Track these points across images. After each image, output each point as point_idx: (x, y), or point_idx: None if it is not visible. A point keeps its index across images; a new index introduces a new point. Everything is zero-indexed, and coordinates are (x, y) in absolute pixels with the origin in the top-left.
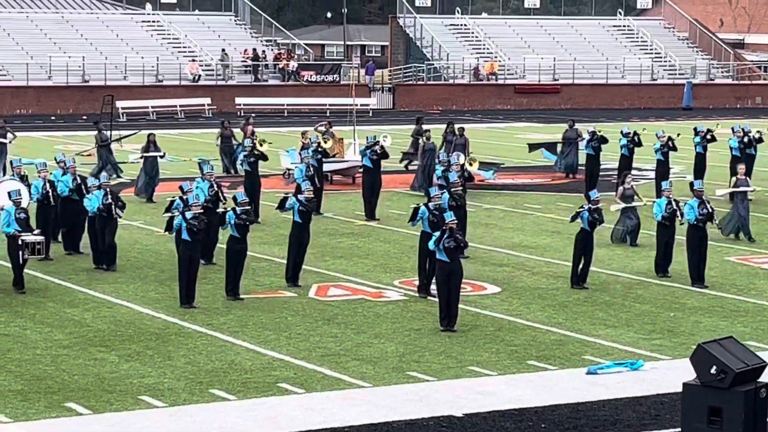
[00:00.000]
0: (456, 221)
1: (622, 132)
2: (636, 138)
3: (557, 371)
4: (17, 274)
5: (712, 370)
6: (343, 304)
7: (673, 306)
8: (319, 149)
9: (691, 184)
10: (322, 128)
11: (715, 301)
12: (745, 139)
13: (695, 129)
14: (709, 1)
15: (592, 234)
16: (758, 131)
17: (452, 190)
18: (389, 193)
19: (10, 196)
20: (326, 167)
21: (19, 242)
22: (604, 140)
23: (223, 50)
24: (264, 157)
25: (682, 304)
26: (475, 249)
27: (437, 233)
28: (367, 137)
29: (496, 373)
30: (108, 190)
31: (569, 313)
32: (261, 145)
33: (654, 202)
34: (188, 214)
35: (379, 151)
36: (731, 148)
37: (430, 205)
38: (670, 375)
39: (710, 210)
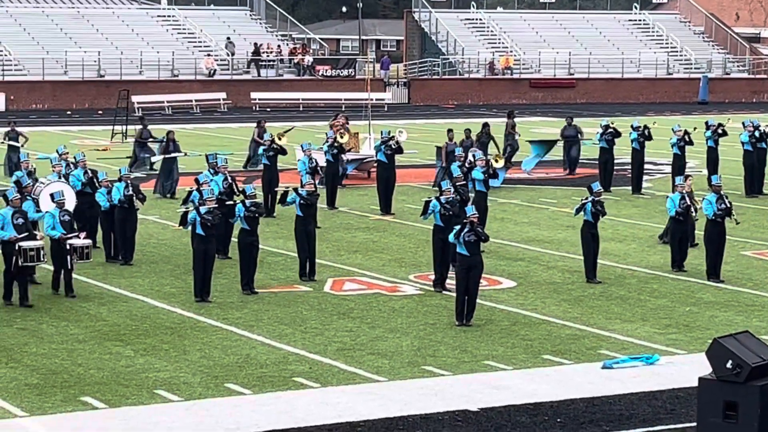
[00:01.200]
0: (477, 215)
1: (632, 126)
2: (646, 132)
3: (573, 365)
4: (67, 279)
5: (728, 365)
6: (358, 298)
7: (688, 300)
8: (335, 144)
9: (709, 179)
10: (340, 121)
11: (731, 296)
12: (756, 134)
13: (706, 123)
14: None
15: (596, 226)
16: None
17: (457, 184)
18: (404, 187)
19: (53, 198)
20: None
21: (67, 246)
22: (618, 133)
23: (228, 38)
24: (283, 152)
25: (698, 299)
26: (490, 243)
27: (457, 226)
28: (381, 132)
29: (511, 367)
30: (129, 181)
31: (585, 307)
32: (280, 139)
33: (703, 198)
34: (202, 209)
35: (393, 146)
36: (743, 143)
37: (442, 198)
38: (686, 369)
39: (728, 205)
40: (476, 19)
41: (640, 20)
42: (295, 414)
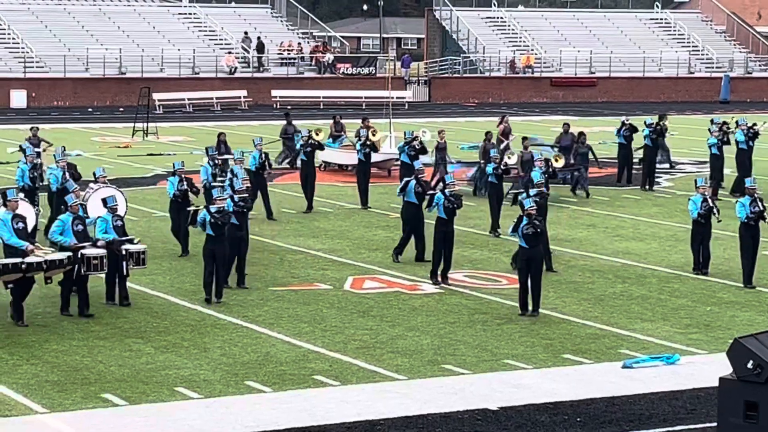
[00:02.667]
0: (534, 207)
1: (645, 123)
2: (659, 128)
3: (593, 365)
4: (122, 286)
5: (749, 365)
6: (378, 296)
7: (709, 300)
8: (368, 143)
9: (743, 182)
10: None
11: (752, 296)
12: (750, 132)
13: (736, 122)
14: None
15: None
16: (754, 123)
17: (447, 192)
18: None
19: (105, 203)
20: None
21: (123, 252)
22: (635, 129)
23: (246, 33)
24: (321, 147)
25: (718, 299)
26: (511, 242)
27: (515, 220)
28: (404, 132)
29: (531, 366)
30: (183, 176)
31: (605, 306)
32: (317, 134)
33: (737, 201)
34: (213, 208)
35: (417, 147)
36: (737, 142)
37: (446, 191)
38: (707, 369)
39: (762, 208)
40: (497, 18)
41: (661, 19)
42: (314, 412)
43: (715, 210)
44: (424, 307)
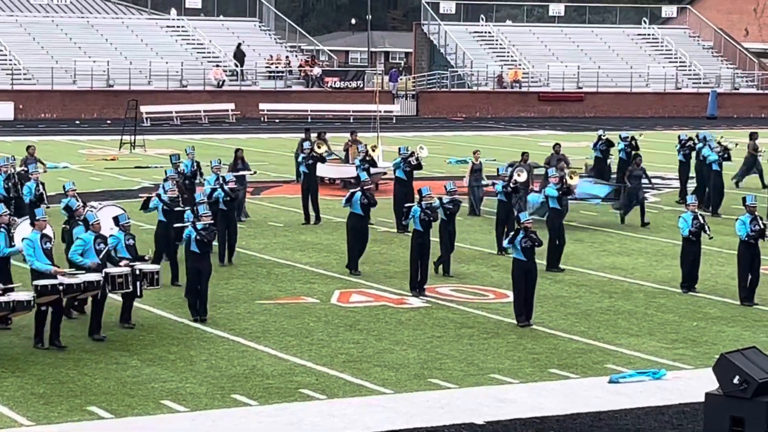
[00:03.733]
0: (531, 221)
1: (620, 136)
2: (634, 142)
3: (579, 379)
4: (128, 306)
5: (735, 380)
6: (365, 310)
7: (696, 315)
8: (367, 158)
9: (744, 199)
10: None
11: (738, 311)
12: (725, 155)
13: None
14: (734, 10)
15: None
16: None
17: (424, 204)
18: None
19: (117, 221)
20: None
21: (137, 272)
22: (611, 143)
23: (239, 45)
24: (322, 160)
25: (705, 314)
26: (497, 256)
27: (512, 232)
28: (400, 148)
29: (517, 380)
30: (176, 182)
31: (591, 321)
32: (319, 147)
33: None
34: (199, 225)
35: (413, 163)
36: (710, 162)
37: (423, 203)
38: (693, 384)
39: (762, 226)
40: (485, 32)
41: (649, 34)
42: (301, 425)
43: (706, 227)
44: (410, 321)
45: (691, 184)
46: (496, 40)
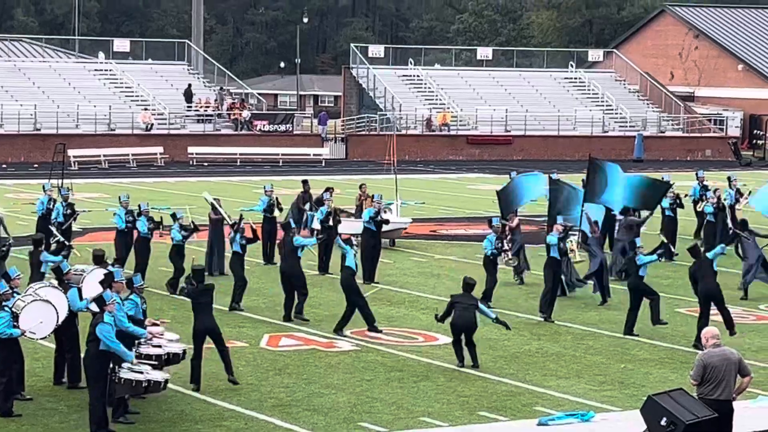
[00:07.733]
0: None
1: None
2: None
3: (509, 422)
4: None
5: (663, 422)
6: (294, 354)
7: (623, 357)
8: (377, 218)
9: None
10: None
11: (665, 353)
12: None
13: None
14: (660, 55)
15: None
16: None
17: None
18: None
19: (131, 283)
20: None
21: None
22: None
23: (190, 85)
24: (339, 221)
25: (633, 356)
26: (426, 299)
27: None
28: (373, 195)
29: (447, 424)
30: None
31: (520, 363)
32: (338, 216)
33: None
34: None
35: (379, 219)
36: (663, 209)
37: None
38: (621, 426)
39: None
40: (414, 76)
41: (575, 78)
42: None
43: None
44: (340, 365)
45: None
46: (425, 84)
